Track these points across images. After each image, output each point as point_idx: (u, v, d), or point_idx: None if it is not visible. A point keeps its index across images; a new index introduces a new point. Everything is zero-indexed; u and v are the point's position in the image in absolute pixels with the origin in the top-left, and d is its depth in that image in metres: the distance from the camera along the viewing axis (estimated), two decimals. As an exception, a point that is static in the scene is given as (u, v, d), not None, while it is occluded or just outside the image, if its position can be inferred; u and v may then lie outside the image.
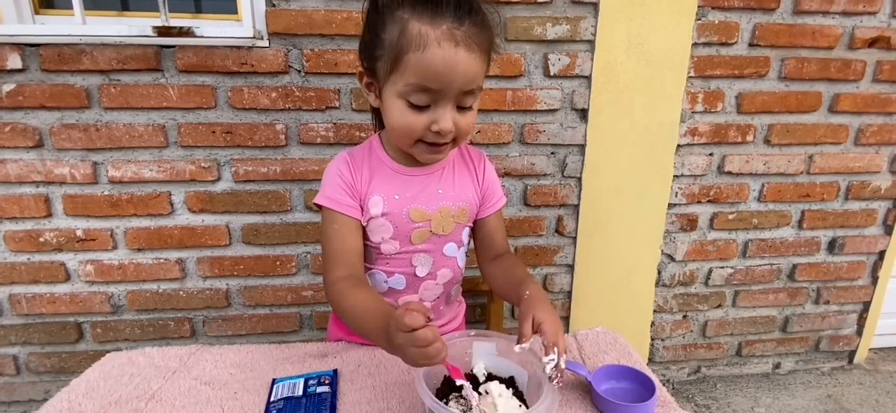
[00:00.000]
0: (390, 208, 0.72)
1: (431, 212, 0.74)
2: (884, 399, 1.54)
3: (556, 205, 1.36)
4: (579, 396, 0.66)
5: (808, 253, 1.55)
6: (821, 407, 1.52)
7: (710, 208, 1.45)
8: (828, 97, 1.39)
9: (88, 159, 1.20)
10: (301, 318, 1.37)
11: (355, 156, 0.74)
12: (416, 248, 0.75)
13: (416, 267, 0.77)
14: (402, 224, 0.73)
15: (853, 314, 1.67)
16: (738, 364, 1.69)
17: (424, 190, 0.74)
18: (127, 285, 1.29)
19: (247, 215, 1.26)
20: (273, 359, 0.74)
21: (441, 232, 0.76)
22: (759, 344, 1.66)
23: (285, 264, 1.30)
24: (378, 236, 0.74)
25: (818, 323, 1.65)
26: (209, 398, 0.65)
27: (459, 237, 0.79)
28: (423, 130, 0.64)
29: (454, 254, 0.79)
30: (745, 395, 1.58)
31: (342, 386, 0.68)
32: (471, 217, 0.79)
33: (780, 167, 1.43)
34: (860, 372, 1.69)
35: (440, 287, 0.80)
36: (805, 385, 1.63)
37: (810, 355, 1.71)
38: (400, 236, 0.74)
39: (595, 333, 0.83)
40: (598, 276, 1.43)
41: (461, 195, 0.77)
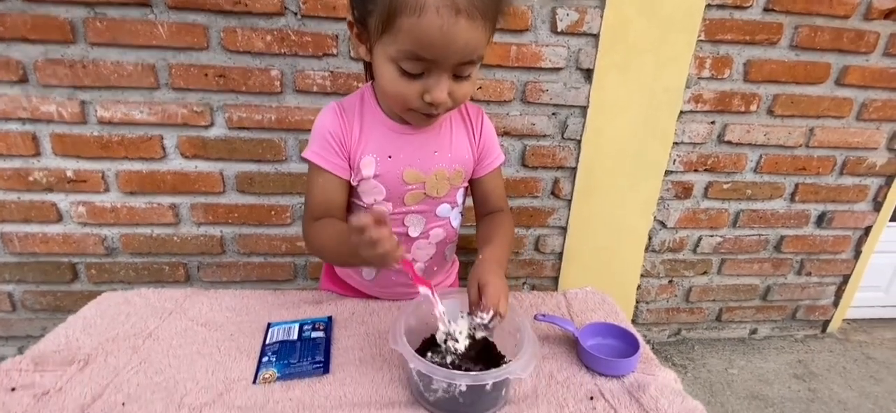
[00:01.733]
0: (383, 170, 0.70)
1: (426, 174, 0.72)
2: (851, 366, 1.62)
3: (554, 167, 1.35)
4: (566, 351, 0.69)
5: (797, 225, 1.58)
6: (791, 371, 1.60)
7: (706, 177, 1.46)
8: (836, 69, 1.36)
9: (76, 98, 1.16)
10: (295, 268, 1.39)
11: (346, 108, 0.71)
12: (408, 209, 0.75)
13: (408, 227, 0.76)
14: (395, 186, 0.72)
15: (832, 286, 1.72)
16: (717, 328, 1.75)
17: (419, 150, 0.72)
18: (120, 228, 1.29)
19: (241, 163, 1.25)
20: (268, 304, 0.76)
21: (435, 194, 0.75)
22: (739, 310, 1.72)
23: (280, 214, 1.30)
24: (370, 198, 0.73)
25: (797, 293, 1.71)
26: (205, 339, 0.66)
27: (454, 198, 0.78)
28: (415, 99, 0.60)
29: (447, 214, 0.79)
30: (720, 358, 1.66)
31: (336, 332, 0.70)
32: (466, 178, 0.78)
33: (779, 139, 1.43)
34: (832, 340, 1.77)
35: (433, 247, 0.80)
36: (778, 350, 1.71)
37: (786, 323, 1.78)
38: (392, 198, 0.73)
39: (584, 293, 0.85)
40: (590, 239, 1.45)
41: (457, 156, 0.75)
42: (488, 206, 0.82)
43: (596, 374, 0.64)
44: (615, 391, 0.61)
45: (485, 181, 0.80)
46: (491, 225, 0.78)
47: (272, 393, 0.58)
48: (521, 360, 0.53)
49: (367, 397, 0.58)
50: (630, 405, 0.58)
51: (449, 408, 0.54)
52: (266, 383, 0.59)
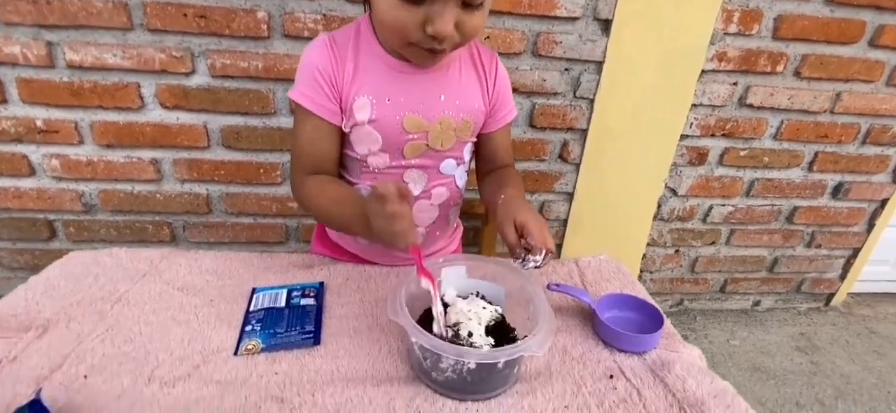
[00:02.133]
0: (380, 114, 0.62)
1: (430, 122, 0.64)
2: (853, 340, 1.61)
3: (564, 128, 1.26)
4: (580, 324, 0.63)
5: (812, 196, 1.52)
6: (793, 343, 1.58)
7: (722, 143, 1.38)
8: (871, 28, 1.26)
9: (41, 38, 1.04)
10: (287, 230, 1.32)
11: (339, 41, 0.61)
12: (408, 163, 0.66)
13: (407, 184, 0.68)
14: (394, 135, 0.63)
15: (841, 259, 1.69)
16: (720, 300, 1.72)
17: (423, 94, 0.63)
18: (98, 184, 1.20)
19: (226, 116, 1.15)
20: (253, 267, 0.69)
21: (439, 147, 0.66)
22: (744, 281, 1.68)
23: (270, 172, 1.22)
24: (364, 147, 0.64)
25: (805, 266, 1.67)
26: (182, 304, 0.60)
27: (460, 153, 0.70)
28: (415, 30, 0.51)
29: (452, 172, 0.71)
30: (722, 329, 1.63)
31: (328, 299, 0.63)
32: (475, 131, 0.70)
33: (804, 103, 1.34)
34: (835, 314, 1.75)
35: (435, 209, 0.72)
36: (780, 322, 1.69)
37: (790, 296, 1.75)
38: (390, 149, 0.64)
39: (597, 261, 0.78)
40: (597, 206, 1.39)
41: (466, 104, 0.66)
42: (495, 163, 0.74)
43: (614, 350, 0.58)
44: (637, 369, 0.55)
45: (495, 138, 0.72)
46: (501, 175, 0.70)
47: (256, 366, 0.52)
48: (538, 336, 0.47)
49: (363, 372, 0.52)
50: (654, 385, 0.53)
51: (454, 386, 0.48)
52: (249, 355, 0.53)
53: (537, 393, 0.50)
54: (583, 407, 0.49)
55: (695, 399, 0.50)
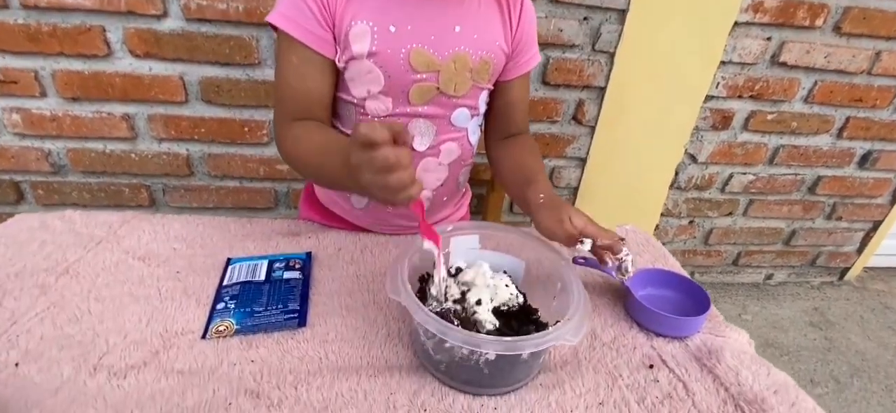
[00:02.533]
0: (382, 46, 0.51)
1: (442, 59, 0.53)
2: (868, 315, 1.55)
3: (580, 86, 1.15)
4: (610, 303, 0.54)
5: (838, 164, 1.43)
6: (806, 318, 1.53)
7: (749, 105, 1.27)
8: (923, -23, 1.13)
9: (-14, -29, 0.90)
10: (276, 195, 1.22)
11: None
12: (415, 111, 0.56)
13: (413, 137, 0.58)
14: (398, 73, 0.53)
15: (860, 232, 1.61)
16: (732, 273, 1.66)
17: (435, 23, 0.52)
18: (66, 142, 1.09)
19: (204, 66, 1.02)
20: (230, 234, 0.59)
21: (452, 91, 0.56)
22: (758, 254, 1.61)
23: (255, 131, 1.11)
24: (361, 88, 0.54)
25: (823, 238, 1.60)
26: (142, 276, 0.50)
27: (475, 102, 0.59)
28: None
29: (465, 124, 0.60)
30: (733, 303, 1.57)
31: (317, 273, 0.54)
32: (494, 75, 0.59)
33: (841, 62, 1.23)
34: (849, 288, 1.69)
35: (444, 169, 0.62)
36: (793, 297, 1.63)
37: (804, 269, 1.69)
38: (393, 91, 0.54)
39: (623, 232, 0.70)
40: (611, 173, 1.29)
41: (486, 40, 0.55)
42: (510, 122, 0.64)
43: (652, 335, 0.50)
44: (680, 358, 0.47)
45: (514, 87, 0.61)
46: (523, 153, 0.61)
47: (228, 352, 0.43)
48: (572, 322, 0.38)
49: (357, 359, 0.44)
50: (702, 377, 0.45)
51: (466, 377, 0.40)
52: (220, 338, 0.44)
53: (565, 386, 0.42)
54: (621, 403, 0.41)
55: (753, 395, 0.42)
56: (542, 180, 0.55)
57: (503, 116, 0.64)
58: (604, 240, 0.46)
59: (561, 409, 0.40)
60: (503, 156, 0.63)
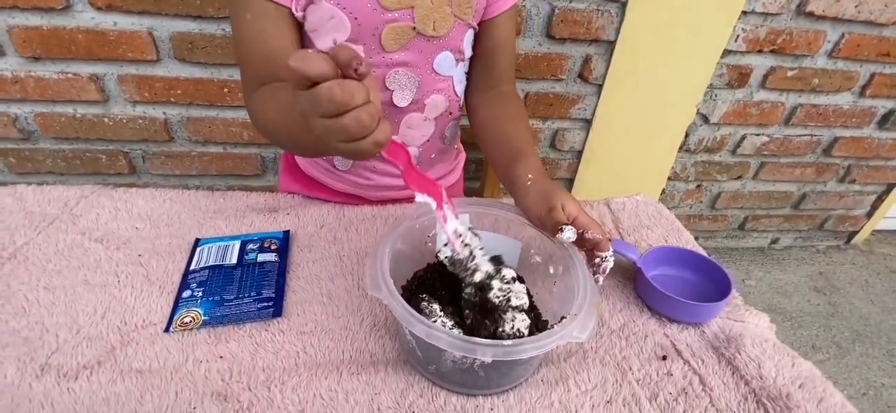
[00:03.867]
0: None
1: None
2: (873, 279, 1.53)
3: (587, 39, 1.06)
4: (618, 285, 0.50)
5: (858, 125, 1.35)
6: (811, 283, 1.50)
7: (769, 61, 1.18)
8: (975, -88, 1.01)
9: None
10: (263, 162, 1.15)
11: None
12: (391, 59, 0.49)
13: (392, 91, 0.51)
14: (365, 13, 0.45)
15: (872, 196, 1.56)
16: (737, 237, 1.62)
17: None
18: (33, 106, 1.01)
19: (174, 20, 0.93)
20: (199, 210, 0.53)
21: (431, 31, 0.48)
22: (765, 219, 1.56)
23: (235, 93, 1.02)
24: (326, 39, 0.46)
25: (833, 202, 1.55)
26: (99, 261, 0.45)
27: (459, 43, 0.52)
28: None
29: (450, 71, 0.53)
30: (737, 268, 1.54)
31: (295, 254, 0.49)
32: (478, 9, 0.51)
33: (871, 13, 1.12)
34: (854, 252, 1.66)
35: (430, 123, 0.56)
36: (798, 261, 1.60)
37: (811, 233, 1.65)
38: (363, 36, 0.47)
39: (634, 203, 0.64)
40: (618, 135, 1.22)
41: None
42: (492, 71, 0.56)
43: (665, 321, 0.45)
44: (695, 347, 0.43)
45: (496, 27, 0.54)
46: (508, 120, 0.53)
47: (193, 347, 0.38)
48: (579, 316, 0.33)
49: (337, 353, 0.39)
50: (720, 369, 0.40)
51: (459, 379, 0.35)
52: (185, 330, 0.40)
53: (570, 382, 0.38)
54: (631, 401, 0.37)
55: (776, 390, 0.38)
56: (532, 155, 0.49)
57: (486, 63, 0.56)
58: (595, 234, 0.40)
59: (564, 409, 0.36)
60: (487, 117, 0.56)
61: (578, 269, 0.39)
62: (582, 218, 0.40)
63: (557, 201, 0.41)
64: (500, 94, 0.57)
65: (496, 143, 0.52)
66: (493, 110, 0.55)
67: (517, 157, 0.48)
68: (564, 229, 0.40)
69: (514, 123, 0.53)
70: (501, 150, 0.51)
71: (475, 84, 0.58)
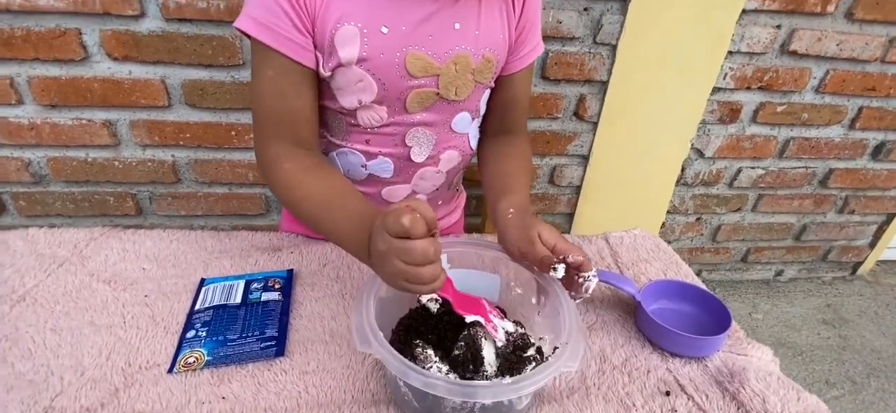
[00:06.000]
0: (373, 50, 0.45)
1: (441, 62, 0.48)
2: (883, 311, 1.50)
3: (581, 80, 1.10)
4: (619, 319, 0.50)
5: (851, 156, 1.37)
6: (819, 316, 1.48)
7: (758, 97, 1.22)
8: (941, -42, 1.08)
9: (-46, -27, 0.86)
10: (266, 201, 1.17)
11: None
12: (413, 119, 0.51)
13: (411, 148, 0.53)
14: (393, 80, 0.47)
15: (873, 226, 1.56)
16: (741, 270, 1.61)
17: (432, 22, 0.46)
18: (46, 150, 1.05)
19: (186, 68, 0.98)
20: (205, 250, 0.55)
21: (453, 96, 0.51)
22: (768, 250, 1.56)
23: (242, 135, 1.06)
24: (352, 98, 0.48)
25: (834, 233, 1.55)
26: (106, 301, 0.46)
27: (476, 104, 0.54)
28: None
29: (466, 129, 0.56)
30: (743, 301, 1.52)
31: (298, 292, 0.50)
32: (496, 72, 0.54)
33: (853, 50, 1.17)
34: (861, 283, 1.64)
35: (441, 176, 0.58)
36: (805, 294, 1.58)
37: (815, 265, 1.64)
38: (388, 99, 0.49)
39: (632, 237, 0.65)
40: (615, 170, 1.24)
41: (488, 36, 0.50)
42: (507, 120, 0.59)
43: (667, 356, 0.45)
44: (698, 382, 0.42)
45: (515, 81, 0.56)
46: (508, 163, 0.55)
47: (196, 388, 0.38)
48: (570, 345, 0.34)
49: (340, 393, 0.39)
50: (725, 404, 0.40)
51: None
52: (189, 371, 0.40)
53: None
54: (635, 439, 0.37)
55: (782, 425, 0.38)
56: (519, 192, 0.50)
57: (500, 114, 0.59)
58: (576, 257, 0.41)
59: (568, 448, 0.36)
60: (491, 155, 0.58)
61: (561, 298, 0.39)
62: (560, 244, 0.41)
63: (535, 232, 0.42)
64: (510, 139, 0.59)
65: (491, 180, 0.54)
66: (498, 150, 0.57)
67: (505, 193, 0.49)
68: (556, 268, 0.40)
69: (513, 163, 0.54)
70: (493, 186, 0.53)
71: (488, 130, 0.60)
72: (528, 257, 0.43)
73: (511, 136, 0.58)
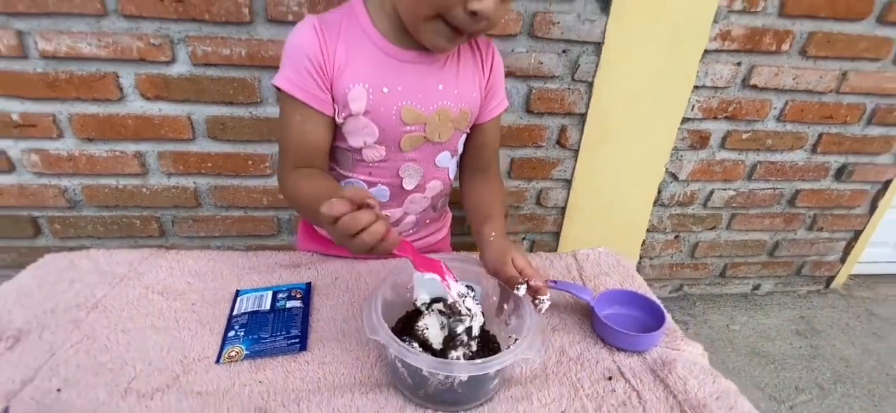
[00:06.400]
0: (376, 105, 0.58)
1: (428, 113, 0.61)
2: (853, 322, 1.60)
3: (562, 113, 1.22)
4: (578, 321, 0.61)
5: (815, 178, 1.49)
6: (792, 326, 1.57)
7: (725, 125, 1.34)
8: (880, 3, 1.21)
9: (10, 27, 0.99)
10: (278, 222, 1.28)
11: (327, 24, 0.57)
12: (405, 156, 0.64)
13: (403, 179, 0.66)
14: (391, 126, 0.60)
15: (842, 242, 1.67)
16: (720, 284, 1.71)
17: (421, 83, 0.59)
18: (81, 179, 1.17)
19: (210, 106, 1.10)
20: (238, 267, 0.66)
21: (437, 138, 0.64)
22: (744, 266, 1.66)
23: (258, 164, 1.18)
24: (359, 139, 0.61)
25: (806, 249, 1.65)
26: (162, 309, 0.57)
27: (455, 145, 0.68)
28: (456, 5, 0.48)
29: (447, 164, 0.69)
30: (722, 314, 1.62)
31: (316, 301, 0.61)
32: (471, 121, 0.67)
33: (809, 83, 1.30)
34: (835, 296, 1.74)
35: (427, 200, 0.71)
36: (780, 306, 1.68)
37: (790, 279, 1.74)
38: (386, 141, 0.62)
39: (596, 254, 0.76)
40: (596, 192, 1.36)
41: (464, 94, 0.63)
42: (480, 160, 0.71)
43: (614, 350, 0.56)
44: (637, 369, 0.53)
45: (486, 129, 0.69)
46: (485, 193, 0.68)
47: (238, 374, 0.49)
48: (529, 338, 0.45)
49: (350, 379, 0.50)
50: (654, 386, 0.51)
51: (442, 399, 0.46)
52: (231, 362, 0.51)
53: (533, 397, 0.48)
54: (580, 411, 0.47)
55: (697, 401, 0.48)
56: (497, 218, 0.62)
57: (475, 155, 0.71)
58: (536, 282, 0.51)
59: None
60: (471, 190, 0.71)
61: (526, 307, 0.50)
62: (527, 270, 0.52)
63: (509, 256, 0.53)
64: (485, 176, 0.72)
65: (474, 209, 0.66)
66: (476, 186, 0.70)
67: (486, 219, 0.61)
68: (520, 287, 0.51)
69: (490, 196, 0.67)
70: (476, 214, 0.65)
71: (466, 167, 0.73)
72: (500, 275, 0.54)
73: (486, 174, 0.70)
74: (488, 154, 0.70)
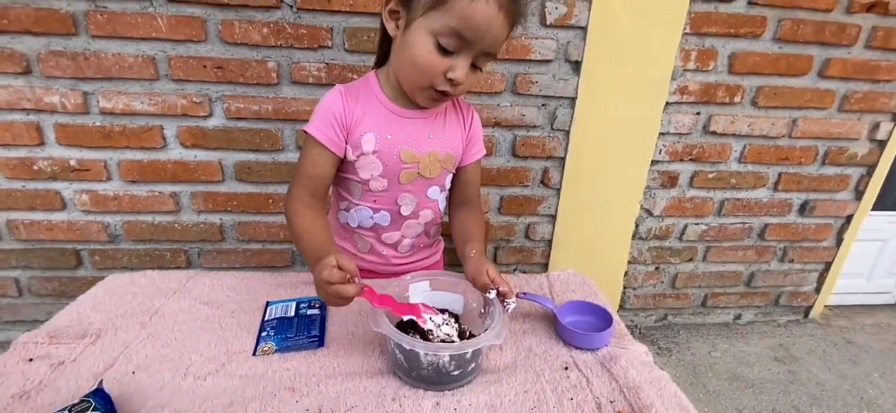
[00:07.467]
0: (382, 147, 0.76)
1: (421, 154, 0.78)
2: (831, 350, 1.68)
3: (544, 157, 1.39)
4: (545, 327, 0.74)
5: (780, 214, 1.63)
6: (772, 354, 1.66)
7: (691, 167, 1.50)
8: (819, 62, 1.40)
9: (78, 88, 1.19)
10: (293, 255, 1.43)
11: (351, 91, 0.76)
12: (402, 188, 0.80)
13: (401, 206, 0.82)
14: (392, 163, 0.77)
15: (814, 273, 1.78)
16: (702, 314, 1.81)
17: (416, 132, 0.78)
18: (123, 216, 1.33)
19: (239, 153, 1.28)
20: (267, 284, 0.80)
21: (428, 175, 0.80)
22: (724, 296, 1.77)
23: (277, 202, 1.34)
24: (367, 173, 0.78)
25: (780, 279, 1.76)
26: (208, 316, 0.71)
27: (443, 181, 0.84)
28: (440, 73, 0.67)
29: (437, 197, 0.84)
30: (704, 341, 1.71)
31: (331, 310, 0.74)
32: (455, 163, 0.84)
33: (763, 130, 1.47)
34: (813, 325, 1.83)
35: (421, 226, 0.86)
36: (761, 335, 1.77)
37: (769, 309, 1.84)
38: (388, 175, 0.78)
39: (566, 274, 0.90)
40: (579, 226, 1.50)
41: (449, 142, 0.81)
42: (465, 194, 0.88)
43: (572, 348, 0.69)
44: (589, 362, 0.66)
45: (467, 170, 0.86)
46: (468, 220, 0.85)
47: (271, 363, 0.62)
48: (494, 329, 0.59)
49: (358, 367, 0.63)
50: (601, 374, 0.63)
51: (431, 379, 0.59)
52: (265, 355, 0.64)
53: (503, 381, 0.61)
54: (540, 392, 0.60)
55: (634, 384, 0.61)
56: (477, 240, 0.78)
57: (461, 190, 0.88)
58: (503, 287, 0.66)
59: (498, 396, 0.59)
60: (457, 219, 0.87)
61: (496, 308, 0.64)
62: (497, 279, 0.67)
63: (484, 268, 0.68)
64: (468, 208, 0.88)
65: (459, 233, 0.82)
66: (462, 216, 0.86)
67: (468, 240, 0.77)
68: (491, 292, 0.66)
69: (472, 223, 0.82)
70: (461, 236, 0.81)
71: (453, 200, 0.90)
72: (477, 283, 0.68)
73: (469, 206, 0.86)
74: (471, 190, 0.87)
